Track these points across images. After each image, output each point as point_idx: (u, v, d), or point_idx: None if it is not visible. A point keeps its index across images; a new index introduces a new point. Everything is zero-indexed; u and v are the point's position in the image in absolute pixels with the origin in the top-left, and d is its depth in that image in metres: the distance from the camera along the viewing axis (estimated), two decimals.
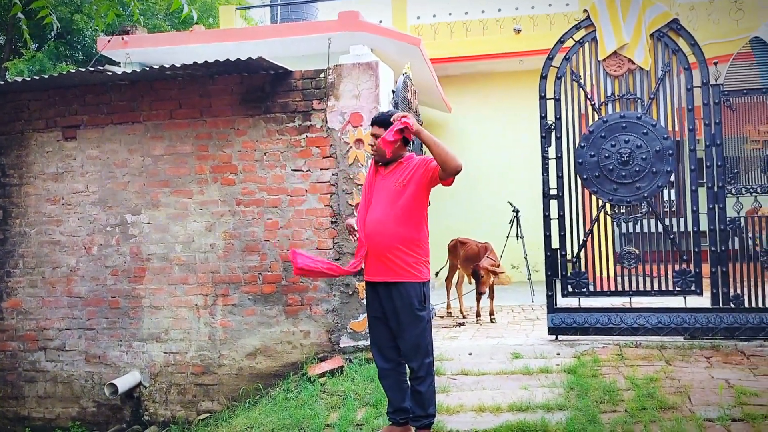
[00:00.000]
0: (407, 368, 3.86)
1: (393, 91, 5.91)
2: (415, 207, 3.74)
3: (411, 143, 3.88)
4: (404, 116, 3.61)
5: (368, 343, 5.34)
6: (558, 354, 5.20)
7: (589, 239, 5.55)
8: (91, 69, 5.49)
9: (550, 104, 5.59)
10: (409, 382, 3.86)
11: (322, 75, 5.70)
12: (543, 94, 5.61)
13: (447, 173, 3.61)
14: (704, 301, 5.37)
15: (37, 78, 5.78)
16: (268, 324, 5.75)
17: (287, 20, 11.18)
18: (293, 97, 5.76)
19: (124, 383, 5.72)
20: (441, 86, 9.80)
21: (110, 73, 5.55)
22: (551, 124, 5.57)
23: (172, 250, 5.95)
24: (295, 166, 5.72)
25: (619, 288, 5.52)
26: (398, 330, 3.75)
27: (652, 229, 5.43)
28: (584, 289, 5.50)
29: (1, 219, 6.32)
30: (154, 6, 15.12)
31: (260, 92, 5.81)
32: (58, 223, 6.19)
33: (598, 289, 5.67)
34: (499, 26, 10.97)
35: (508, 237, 8.86)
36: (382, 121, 3.80)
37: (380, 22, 11.02)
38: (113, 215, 6.07)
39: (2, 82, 5.88)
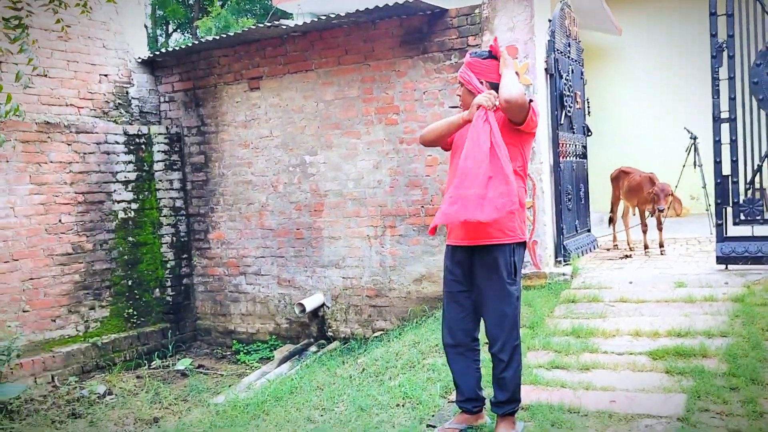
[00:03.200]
0: (480, 353, 3.44)
1: (549, 21, 5.87)
2: (512, 153, 3.16)
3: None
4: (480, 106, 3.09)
5: (529, 271, 5.56)
6: (726, 283, 5.05)
7: (765, 164, 5.21)
8: (269, 24, 6.11)
9: (722, 20, 5.22)
10: (482, 366, 3.46)
11: (476, 11, 5.81)
12: (714, 11, 5.25)
13: (511, 113, 3.06)
14: None
15: (225, 36, 6.54)
16: (431, 253, 6.18)
17: None
18: (449, 35, 5.96)
19: (310, 303, 6.54)
20: (610, 7, 9.32)
21: (285, 27, 6.13)
22: (723, 43, 5.22)
23: (345, 186, 6.56)
24: (453, 104, 5.96)
25: None
26: (481, 307, 3.26)
27: None
28: (758, 217, 5.21)
29: (204, 163, 7.35)
30: None
31: (418, 33, 6.08)
32: (249, 165, 7.06)
33: None
34: None
35: (684, 165, 8.41)
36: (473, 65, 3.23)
37: None
38: (294, 156, 6.79)
39: (197, 42, 6.74)
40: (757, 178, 5.27)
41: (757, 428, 3.11)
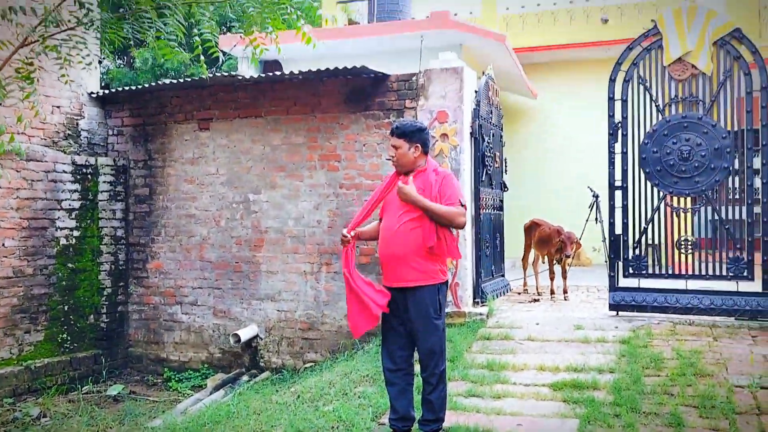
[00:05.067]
0: (414, 377, 3.97)
1: (476, 91, 6.70)
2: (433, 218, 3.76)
3: (428, 152, 3.97)
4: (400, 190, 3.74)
5: (451, 310, 6.21)
6: (616, 327, 5.89)
7: (650, 227, 6.15)
8: (225, 73, 6.62)
9: (618, 105, 6.19)
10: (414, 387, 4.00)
11: (414, 78, 6.56)
12: (611, 96, 6.22)
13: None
14: (756, 286, 5.87)
15: (181, 81, 6.99)
16: None
17: (384, 13, 11.99)
18: (389, 97, 6.67)
19: (245, 334, 6.93)
20: (527, 73, 10.40)
21: (240, 78, 6.66)
22: (618, 123, 6.18)
23: (285, 224, 7.06)
24: (389, 156, 6.62)
25: (677, 271, 6.11)
26: (414, 337, 3.82)
27: (710, 219, 5.96)
28: (644, 271, 6.13)
29: (148, 195, 7.66)
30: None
31: (362, 93, 6.75)
32: (193, 199, 7.44)
33: (657, 272, 6.27)
34: (587, 16, 11.38)
35: (587, 220, 9.40)
36: (402, 133, 3.84)
37: (471, 13, 11.72)
38: (238, 194, 7.25)
39: (153, 84, 7.13)
40: (643, 238, 6.20)
41: None
